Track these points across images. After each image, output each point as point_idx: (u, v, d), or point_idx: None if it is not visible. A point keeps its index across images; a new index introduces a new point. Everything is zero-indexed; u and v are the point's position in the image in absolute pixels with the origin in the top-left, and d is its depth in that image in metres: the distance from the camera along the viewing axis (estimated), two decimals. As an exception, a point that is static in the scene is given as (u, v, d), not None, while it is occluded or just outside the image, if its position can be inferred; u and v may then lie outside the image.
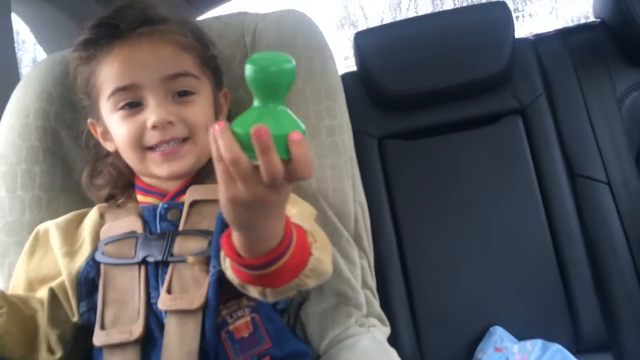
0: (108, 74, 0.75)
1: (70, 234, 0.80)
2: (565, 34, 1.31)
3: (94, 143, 0.86)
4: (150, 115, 0.73)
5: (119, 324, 0.72)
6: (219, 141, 0.45)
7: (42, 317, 0.73)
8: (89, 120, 0.84)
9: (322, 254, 0.61)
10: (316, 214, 0.80)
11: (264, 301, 0.63)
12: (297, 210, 0.73)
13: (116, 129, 0.77)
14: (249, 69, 0.44)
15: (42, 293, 0.75)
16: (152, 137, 0.74)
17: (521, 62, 1.26)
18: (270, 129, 0.43)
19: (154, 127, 0.73)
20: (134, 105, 0.75)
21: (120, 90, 0.74)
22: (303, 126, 0.45)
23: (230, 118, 0.85)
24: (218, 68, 0.86)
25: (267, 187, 0.45)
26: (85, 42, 0.76)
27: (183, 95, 0.76)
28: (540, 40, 1.31)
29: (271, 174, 0.43)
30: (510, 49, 1.22)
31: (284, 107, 0.46)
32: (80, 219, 0.83)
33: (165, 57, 0.74)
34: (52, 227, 0.80)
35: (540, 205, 1.20)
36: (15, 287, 0.77)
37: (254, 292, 0.59)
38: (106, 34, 0.75)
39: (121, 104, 0.75)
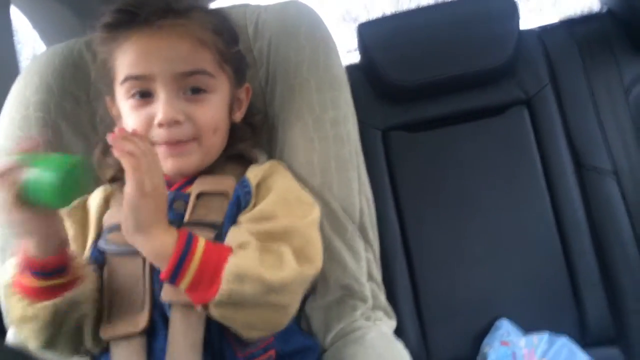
0: (123, 60, 0.74)
1: (79, 222, 0.80)
2: (571, 24, 1.30)
3: (108, 122, 0.86)
4: (159, 112, 0.71)
5: (124, 315, 0.71)
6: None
7: None
8: (107, 98, 0.83)
9: (248, 260, 0.64)
10: (313, 203, 0.79)
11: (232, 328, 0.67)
12: (276, 196, 0.74)
13: (126, 117, 0.76)
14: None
15: None
16: (158, 135, 0.73)
17: (526, 53, 1.25)
18: None
19: (161, 124, 0.72)
20: (145, 95, 0.74)
21: (132, 78, 0.73)
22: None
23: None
24: (241, 64, 0.84)
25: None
26: (105, 25, 0.75)
27: (196, 92, 0.74)
28: (545, 30, 1.30)
29: None
30: (515, 40, 1.21)
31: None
32: (84, 202, 0.82)
33: (182, 52, 0.72)
34: (64, 215, 0.78)
35: (546, 197, 1.19)
36: None
37: (206, 310, 0.65)
38: (126, 20, 0.73)
39: (132, 92, 0.74)
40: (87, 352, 0.75)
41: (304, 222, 0.73)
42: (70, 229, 0.77)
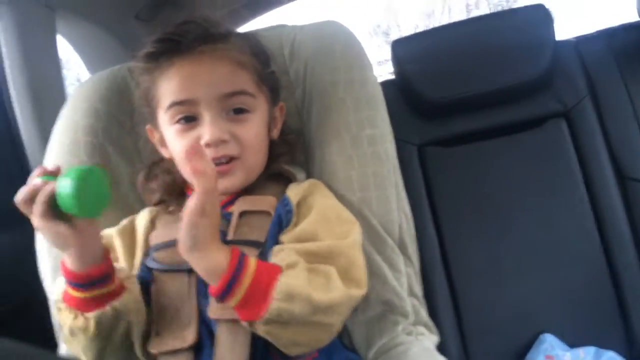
0: (167, 88, 0.76)
1: (128, 241, 0.82)
2: (608, 34, 1.28)
3: (151, 148, 0.89)
4: (205, 133, 0.74)
5: (172, 330, 0.73)
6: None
7: None
8: (148, 127, 0.86)
9: (298, 280, 0.65)
10: (354, 222, 0.80)
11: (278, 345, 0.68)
12: (317, 215, 0.75)
13: (172, 142, 0.79)
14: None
15: None
16: None
17: (563, 65, 1.23)
18: None
19: (208, 145, 0.74)
20: (189, 120, 0.76)
21: (177, 104, 0.76)
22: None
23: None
24: (275, 83, 0.87)
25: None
26: (148, 54, 0.78)
27: (239, 112, 0.77)
28: (582, 41, 1.28)
29: None
30: (551, 51, 1.20)
31: None
32: (132, 223, 0.85)
33: (224, 75, 0.75)
34: (114, 234, 0.82)
35: (588, 210, 1.17)
36: None
37: (247, 325, 0.66)
38: (168, 49, 0.76)
39: (177, 118, 0.77)
40: None
41: (347, 242, 0.74)
42: (119, 247, 0.80)
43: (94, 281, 0.67)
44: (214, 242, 0.65)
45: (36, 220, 0.63)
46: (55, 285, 0.77)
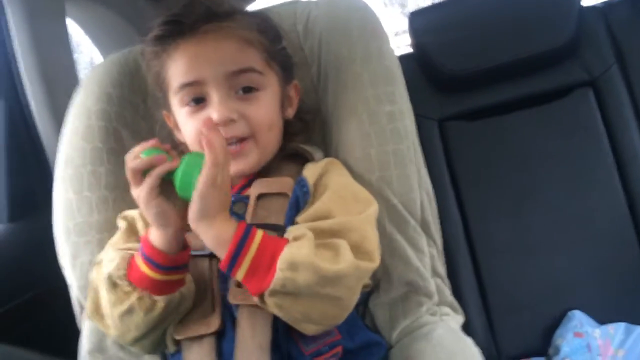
0: (175, 70, 0.76)
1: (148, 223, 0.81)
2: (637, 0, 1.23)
3: (167, 132, 0.88)
4: (213, 112, 0.73)
5: (196, 316, 0.73)
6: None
7: None
8: (164, 112, 0.86)
9: (302, 249, 0.64)
10: (370, 200, 0.78)
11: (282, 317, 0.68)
12: (332, 193, 0.74)
13: (184, 125, 0.78)
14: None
15: None
16: None
17: (589, 32, 1.19)
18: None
19: (216, 125, 0.72)
20: (199, 101, 0.75)
21: (185, 86, 0.75)
22: None
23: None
24: (287, 61, 0.85)
25: None
26: (154, 38, 0.77)
27: (248, 91, 0.76)
28: (608, 6, 1.24)
29: None
30: (576, 18, 1.16)
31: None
32: None
33: (229, 53, 0.74)
34: (137, 217, 0.82)
35: (617, 182, 1.14)
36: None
37: (258, 301, 0.66)
38: (172, 31, 0.75)
39: (186, 100, 0.76)
40: (162, 351, 0.79)
41: (359, 217, 0.72)
42: (142, 229, 0.80)
43: (179, 266, 0.70)
44: (222, 214, 0.66)
45: (144, 192, 0.65)
46: (98, 263, 0.76)
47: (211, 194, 0.63)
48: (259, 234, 0.66)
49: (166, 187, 0.65)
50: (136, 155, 0.66)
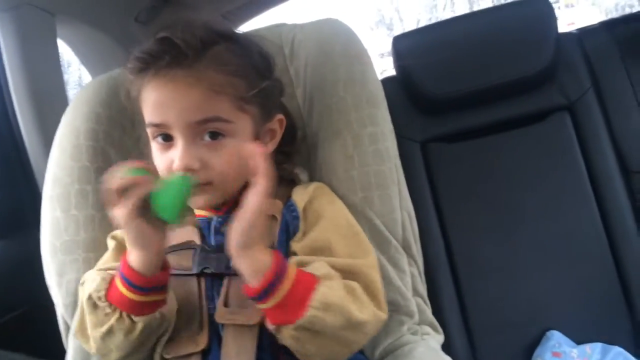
0: (144, 105, 0.74)
1: None
2: (611, 26, 1.27)
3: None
4: (176, 158, 0.71)
5: (184, 335, 0.74)
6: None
7: None
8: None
9: (335, 291, 0.65)
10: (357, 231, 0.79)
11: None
12: (328, 223, 0.75)
13: (155, 156, 0.76)
14: None
15: None
16: None
17: (566, 57, 1.22)
18: None
19: (177, 170, 0.71)
20: (167, 138, 0.73)
21: (152, 125, 0.73)
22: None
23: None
24: (269, 98, 0.78)
25: None
26: (129, 70, 0.74)
27: (215, 137, 0.72)
28: (585, 33, 1.28)
29: None
30: (554, 44, 1.19)
31: None
32: None
33: (195, 102, 0.70)
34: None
35: (593, 205, 1.16)
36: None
37: (273, 329, 0.66)
38: (142, 69, 0.72)
39: (155, 135, 0.74)
40: None
41: (368, 262, 0.74)
42: None
43: (157, 287, 0.69)
44: (262, 242, 0.65)
45: (125, 212, 0.64)
46: (83, 284, 0.76)
47: (258, 223, 0.63)
48: (293, 268, 0.66)
49: (147, 208, 0.64)
50: (116, 175, 0.65)
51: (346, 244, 0.74)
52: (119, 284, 0.68)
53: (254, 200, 0.63)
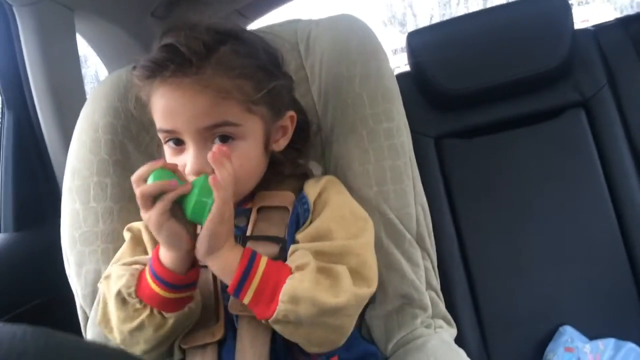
0: (154, 110, 0.74)
1: (153, 237, 0.81)
2: (626, 22, 1.26)
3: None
4: (188, 163, 0.72)
5: (200, 326, 0.75)
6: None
7: None
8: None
9: (304, 283, 0.66)
10: (367, 218, 0.80)
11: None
12: (331, 212, 0.76)
13: (168, 160, 0.76)
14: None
15: None
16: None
17: (582, 54, 1.22)
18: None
19: (190, 175, 0.72)
20: (178, 143, 0.74)
21: (163, 131, 0.74)
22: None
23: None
24: (279, 97, 0.78)
25: None
26: (138, 76, 0.74)
27: (225, 140, 0.72)
28: (600, 30, 1.27)
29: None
30: (569, 41, 1.19)
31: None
32: None
33: (203, 108, 0.70)
34: (142, 228, 0.82)
35: (608, 201, 1.16)
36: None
37: (264, 322, 0.68)
38: (150, 75, 0.72)
39: (167, 139, 0.75)
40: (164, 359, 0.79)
41: (359, 242, 0.74)
42: (147, 242, 0.81)
43: (189, 284, 0.71)
44: (227, 242, 0.68)
45: (156, 216, 0.65)
46: (107, 279, 0.76)
47: (220, 230, 0.66)
48: (263, 262, 0.68)
49: (176, 209, 0.66)
50: (141, 176, 0.67)
51: (345, 230, 0.75)
52: (150, 281, 0.70)
53: (213, 209, 0.65)
